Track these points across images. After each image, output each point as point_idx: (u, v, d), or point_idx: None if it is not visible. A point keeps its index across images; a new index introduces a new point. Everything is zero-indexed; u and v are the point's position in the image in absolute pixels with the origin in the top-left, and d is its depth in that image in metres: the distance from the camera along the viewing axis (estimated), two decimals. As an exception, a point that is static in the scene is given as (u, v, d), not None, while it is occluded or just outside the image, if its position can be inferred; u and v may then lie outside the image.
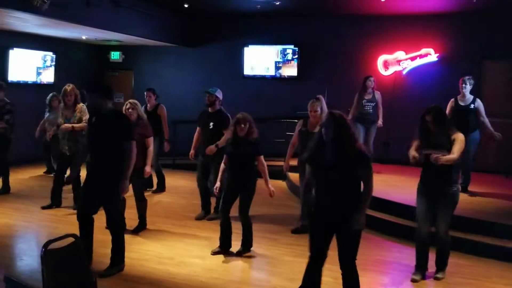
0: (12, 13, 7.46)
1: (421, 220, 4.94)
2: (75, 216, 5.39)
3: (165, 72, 12.40)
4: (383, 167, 8.91)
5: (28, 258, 5.34)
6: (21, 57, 10.50)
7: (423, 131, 4.84)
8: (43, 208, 7.14)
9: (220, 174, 5.66)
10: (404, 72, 10.28)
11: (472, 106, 7.20)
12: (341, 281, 4.12)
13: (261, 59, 11.41)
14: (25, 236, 6.18)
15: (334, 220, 3.92)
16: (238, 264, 5.34)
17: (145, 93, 8.48)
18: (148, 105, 8.36)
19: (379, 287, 4.97)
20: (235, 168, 5.48)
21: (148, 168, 6.15)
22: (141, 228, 6.33)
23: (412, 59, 10.15)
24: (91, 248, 4.97)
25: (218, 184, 5.59)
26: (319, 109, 6.10)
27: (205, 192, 7.00)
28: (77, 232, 4.68)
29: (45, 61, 11.14)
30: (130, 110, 6.11)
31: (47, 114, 9.00)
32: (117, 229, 4.96)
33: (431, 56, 9.99)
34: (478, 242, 5.77)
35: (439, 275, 5.02)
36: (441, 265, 5.06)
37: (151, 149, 6.17)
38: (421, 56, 10.08)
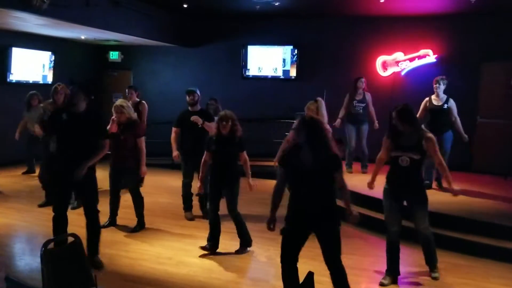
0: (12, 13, 7.46)
1: (391, 222, 4.86)
2: (74, 216, 5.43)
3: (164, 72, 12.41)
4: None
5: (27, 258, 5.35)
6: (20, 57, 10.49)
7: (392, 130, 4.77)
8: (40, 206, 7.18)
9: (201, 172, 5.67)
10: (402, 73, 10.31)
11: (445, 106, 7.36)
12: None
13: (266, 60, 11.40)
14: (23, 236, 6.18)
15: (314, 222, 3.97)
16: (236, 264, 5.35)
17: (126, 90, 8.68)
18: (130, 102, 8.48)
19: (377, 287, 4.98)
20: (219, 166, 5.53)
21: (144, 168, 6.21)
22: (140, 227, 6.38)
23: (411, 60, 10.18)
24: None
25: (199, 184, 5.68)
26: (314, 110, 6.16)
27: (189, 198, 7.02)
28: (76, 231, 4.69)
29: (43, 60, 11.14)
30: (118, 114, 6.14)
31: (26, 114, 9.01)
32: (95, 217, 5.13)
33: (429, 57, 10.02)
34: (476, 242, 5.80)
35: (435, 275, 5.02)
36: (433, 263, 5.05)
37: (143, 148, 6.21)
38: (419, 57, 10.11)
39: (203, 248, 5.61)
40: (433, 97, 7.54)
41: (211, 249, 5.60)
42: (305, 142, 3.88)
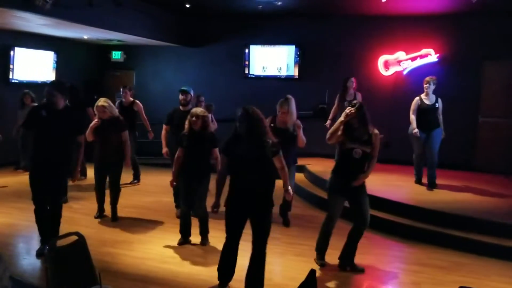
0: (15, 13, 7.48)
1: (334, 217, 5.15)
2: (77, 215, 5.48)
3: (167, 72, 12.43)
4: (384, 167, 8.93)
5: (30, 257, 5.37)
6: (23, 57, 10.52)
7: (347, 126, 5.01)
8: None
9: (174, 167, 5.79)
10: (404, 73, 10.30)
11: (436, 105, 7.64)
12: (341, 279, 4.17)
13: (270, 59, 11.39)
14: (27, 235, 6.20)
15: (251, 207, 4.26)
16: (240, 263, 5.33)
17: (121, 89, 8.87)
18: (124, 100, 8.67)
19: (380, 286, 5.00)
20: (190, 162, 5.64)
21: (128, 160, 6.65)
22: (115, 217, 6.70)
23: (413, 59, 10.17)
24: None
25: (172, 177, 5.80)
26: (286, 109, 6.31)
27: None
28: (80, 230, 4.71)
29: (46, 60, 11.18)
30: (100, 113, 6.48)
31: (20, 112, 9.25)
32: (59, 210, 5.42)
33: (431, 56, 10.01)
34: (477, 241, 5.81)
35: (361, 268, 5.16)
36: (353, 257, 5.18)
37: (127, 141, 6.61)
38: (421, 57, 10.10)
39: (180, 243, 5.80)
40: (423, 96, 7.74)
41: (184, 242, 5.81)
42: (246, 132, 4.16)
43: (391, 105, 10.11)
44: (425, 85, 7.66)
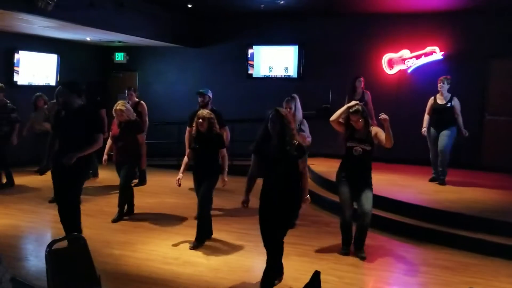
0: (17, 15, 7.50)
1: (346, 206, 5.47)
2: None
3: (170, 73, 12.41)
4: (388, 167, 8.88)
5: (33, 259, 5.36)
6: (26, 59, 10.54)
7: (349, 126, 5.35)
8: (50, 202, 7.29)
9: (182, 167, 5.92)
10: (409, 71, 10.24)
11: (449, 104, 7.68)
12: (346, 280, 4.25)
13: (275, 60, 11.35)
14: (30, 237, 6.20)
15: (277, 205, 4.36)
16: (243, 263, 5.33)
17: (126, 91, 8.85)
18: (130, 102, 8.64)
19: (385, 286, 4.95)
20: (199, 162, 5.79)
21: (144, 161, 6.80)
22: (130, 212, 6.90)
23: (417, 57, 10.10)
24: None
25: (180, 175, 5.85)
26: (293, 107, 6.46)
27: None
28: (82, 231, 4.70)
29: (49, 63, 11.19)
30: (119, 117, 6.64)
31: (33, 114, 9.54)
32: (74, 208, 5.26)
33: (436, 54, 9.94)
34: (485, 241, 5.74)
35: (363, 254, 5.40)
36: (362, 244, 5.47)
37: (143, 143, 6.76)
38: (426, 55, 10.03)
39: (194, 246, 5.71)
40: (438, 96, 7.80)
41: (200, 244, 5.77)
42: (278, 133, 4.29)
43: (395, 104, 10.04)
44: (438, 84, 7.72)
